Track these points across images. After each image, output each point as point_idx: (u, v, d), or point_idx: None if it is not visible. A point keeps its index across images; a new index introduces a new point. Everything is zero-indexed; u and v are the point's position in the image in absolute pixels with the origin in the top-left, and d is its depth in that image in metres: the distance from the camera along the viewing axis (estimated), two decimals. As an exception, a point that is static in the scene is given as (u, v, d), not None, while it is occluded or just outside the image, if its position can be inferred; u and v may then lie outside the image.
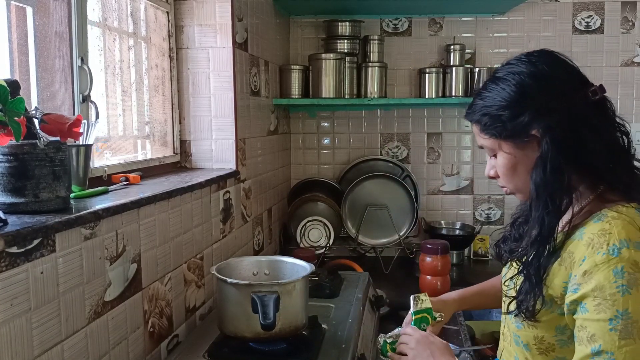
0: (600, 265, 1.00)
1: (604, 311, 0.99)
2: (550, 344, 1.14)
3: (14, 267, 0.93)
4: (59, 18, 1.43)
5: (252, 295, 1.24)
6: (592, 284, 1.00)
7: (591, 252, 1.02)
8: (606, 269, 0.99)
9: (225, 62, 1.98)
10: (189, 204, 1.63)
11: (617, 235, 1.00)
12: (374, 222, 2.78)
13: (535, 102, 1.11)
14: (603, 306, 0.99)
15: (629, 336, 0.96)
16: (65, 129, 1.11)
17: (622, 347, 0.97)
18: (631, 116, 2.89)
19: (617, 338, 0.97)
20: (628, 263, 0.98)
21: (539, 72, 1.13)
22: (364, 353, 1.42)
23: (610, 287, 0.98)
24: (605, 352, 0.98)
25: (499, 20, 2.89)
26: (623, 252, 0.98)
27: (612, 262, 0.99)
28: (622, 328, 0.97)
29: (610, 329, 0.98)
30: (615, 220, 1.03)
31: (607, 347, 0.98)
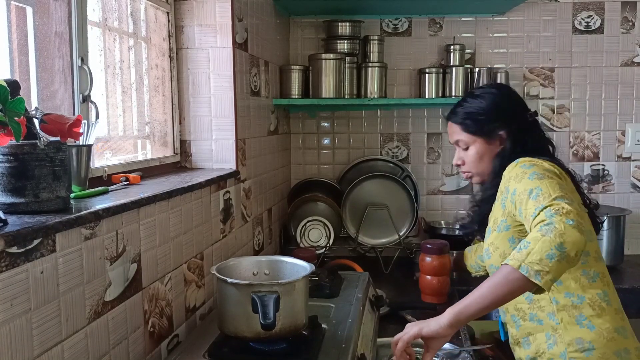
0: (512, 170, 1.53)
1: (522, 178, 1.45)
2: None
3: (14, 267, 0.93)
4: (59, 18, 1.43)
5: (252, 295, 1.24)
6: (513, 180, 1.49)
7: (507, 171, 1.56)
8: (515, 167, 1.52)
9: (225, 62, 1.98)
10: (189, 204, 1.63)
11: (520, 162, 1.53)
12: (374, 222, 2.78)
13: (504, 114, 1.68)
14: (520, 178, 1.46)
15: (543, 177, 1.41)
16: (66, 129, 1.11)
17: (543, 181, 1.40)
18: (631, 116, 2.90)
19: (537, 179, 1.41)
20: (526, 161, 1.52)
21: (505, 95, 1.74)
22: (364, 353, 1.42)
23: (521, 170, 1.48)
24: (534, 188, 1.39)
25: (499, 20, 2.89)
26: (524, 162, 1.52)
27: (518, 165, 1.53)
28: (536, 176, 1.43)
29: (530, 179, 1.43)
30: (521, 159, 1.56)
31: (533, 185, 1.40)
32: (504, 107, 1.70)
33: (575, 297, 1.48)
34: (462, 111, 1.73)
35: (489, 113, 1.69)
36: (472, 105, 1.71)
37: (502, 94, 1.73)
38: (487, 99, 1.70)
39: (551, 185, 1.37)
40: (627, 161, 2.93)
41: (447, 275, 2.23)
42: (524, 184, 1.43)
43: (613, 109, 2.90)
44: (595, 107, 2.90)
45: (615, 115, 2.90)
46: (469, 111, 1.71)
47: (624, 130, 2.91)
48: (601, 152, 2.93)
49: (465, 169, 1.76)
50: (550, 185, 1.37)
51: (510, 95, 1.74)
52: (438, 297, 2.20)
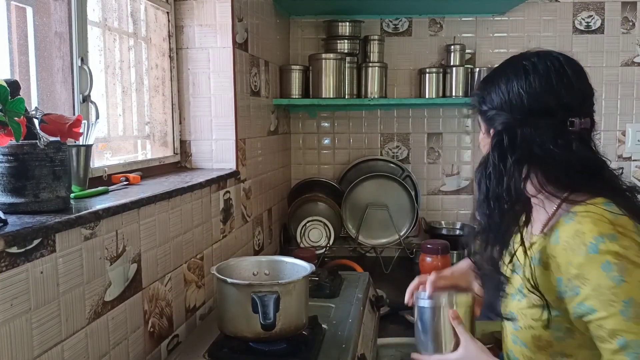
0: (586, 266, 1.04)
1: (612, 305, 1.02)
2: (548, 341, 1.17)
3: (14, 267, 0.93)
4: (59, 18, 1.43)
5: (252, 295, 1.24)
6: (589, 284, 1.04)
7: (572, 255, 1.06)
8: (594, 267, 1.03)
9: (226, 62, 1.98)
10: (189, 204, 1.63)
11: (589, 233, 1.05)
12: (374, 222, 2.78)
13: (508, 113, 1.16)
14: (608, 301, 1.02)
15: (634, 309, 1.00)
16: (66, 129, 1.11)
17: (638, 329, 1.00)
18: (631, 116, 2.89)
19: (634, 324, 1.00)
20: (610, 255, 1.02)
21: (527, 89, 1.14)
22: (364, 353, 1.42)
23: (606, 282, 1.02)
24: (630, 341, 1.01)
25: (499, 20, 2.89)
26: (601, 247, 1.03)
27: (596, 259, 1.03)
28: (634, 314, 1.00)
29: (625, 320, 1.01)
30: (585, 218, 1.07)
31: (630, 336, 1.01)
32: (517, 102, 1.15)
33: None
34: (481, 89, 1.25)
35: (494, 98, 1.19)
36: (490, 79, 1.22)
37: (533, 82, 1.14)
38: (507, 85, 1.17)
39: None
40: (627, 161, 2.93)
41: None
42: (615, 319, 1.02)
43: (613, 109, 2.90)
44: (595, 107, 2.89)
45: (615, 115, 2.90)
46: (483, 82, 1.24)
47: (624, 130, 2.91)
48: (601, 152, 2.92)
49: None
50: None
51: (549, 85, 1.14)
52: (438, 297, 2.20)
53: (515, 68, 1.17)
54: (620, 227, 1.05)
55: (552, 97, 1.13)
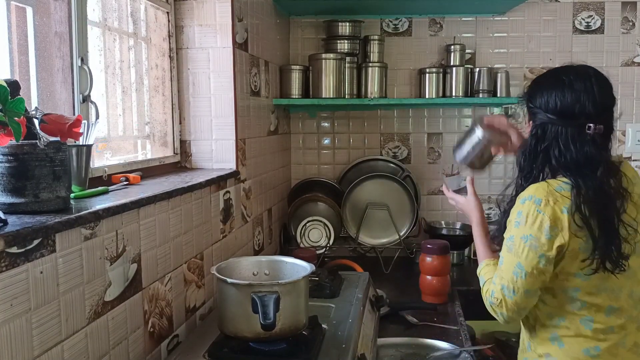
0: (515, 207, 1.49)
1: (507, 232, 1.49)
2: None
3: (14, 267, 0.93)
4: (59, 18, 1.43)
5: (252, 295, 1.24)
6: (510, 217, 1.50)
7: (517, 201, 1.49)
8: (516, 210, 1.47)
9: (226, 62, 1.98)
10: (189, 204, 1.63)
11: (527, 192, 1.46)
12: (374, 222, 2.78)
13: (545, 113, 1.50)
14: (507, 230, 1.49)
15: (511, 251, 1.46)
16: (66, 129, 1.11)
17: (508, 255, 1.47)
18: (631, 116, 2.89)
19: (506, 249, 1.48)
20: (525, 208, 1.44)
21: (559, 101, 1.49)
22: (364, 353, 1.42)
23: (513, 219, 1.47)
24: (502, 253, 1.50)
25: (499, 20, 2.89)
26: (526, 202, 1.45)
27: (519, 206, 1.47)
28: (510, 245, 1.47)
29: (506, 242, 1.49)
30: (534, 185, 1.48)
31: (504, 252, 1.49)
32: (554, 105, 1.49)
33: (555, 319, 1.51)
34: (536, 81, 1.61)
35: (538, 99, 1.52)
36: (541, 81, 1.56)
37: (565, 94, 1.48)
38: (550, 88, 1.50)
39: (509, 268, 1.46)
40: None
41: (447, 275, 2.23)
42: (506, 244, 1.49)
43: (613, 109, 2.90)
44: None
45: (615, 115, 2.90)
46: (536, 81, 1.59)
47: (624, 130, 2.91)
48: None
49: None
50: (508, 267, 1.46)
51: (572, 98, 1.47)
52: (438, 297, 2.20)
53: (557, 80, 1.51)
54: (552, 199, 1.43)
55: (578, 107, 1.46)
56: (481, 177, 2.94)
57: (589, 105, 1.45)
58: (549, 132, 1.49)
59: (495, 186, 2.93)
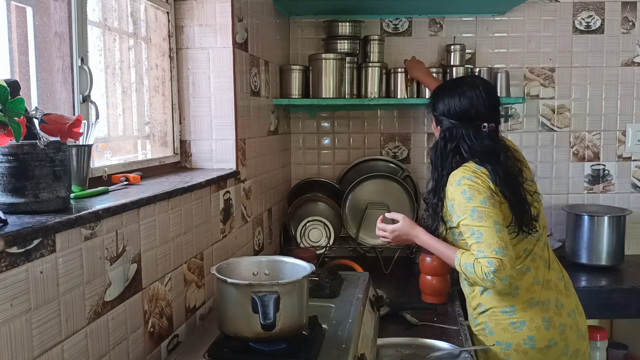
0: (454, 192, 1.77)
1: (466, 212, 1.73)
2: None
3: (14, 267, 0.93)
4: (59, 18, 1.43)
5: (252, 295, 1.24)
6: (456, 203, 1.76)
7: (450, 188, 1.79)
8: (458, 193, 1.75)
9: (226, 62, 1.98)
10: (189, 204, 1.63)
11: (458, 175, 1.78)
12: (374, 222, 2.77)
13: (449, 118, 1.86)
14: (464, 210, 1.73)
15: (481, 219, 1.69)
16: (66, 129, 1.11)
17: (482, 225, 1.69)
18: (631, 116, 2.90)
19: (476, 221, 1.70)
20: (465, 186, 1.74)
21: (458, 106, 1.85)
22: (364, 353, 1.42)
23: (463, 201, 1.74)
24: (476, 230, 1.69)
25: (499, 20, 2.89)
26: (462, 182, 1.75)
27: (458, 188, 1.75)
28: (476, 217, 1.70)
29: (472, 219, 1.71)
30: (459, 169, 1.80)
31: (474, 228, 1.70)
32: (455, 110, 1.85)
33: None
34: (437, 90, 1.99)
35: (441, 107, 1.88)
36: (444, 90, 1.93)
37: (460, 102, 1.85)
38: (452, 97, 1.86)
39: (490, 231, 1.68)
40: (627, 161, 2.93)
41: (447, 275, 2.23)
42: (467, 220, 1.72)
43: (613, 109, 2.90)
44: (595, 107, 2.90)
45: (615, 115, 2.90)
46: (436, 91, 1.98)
47: (624, 130, 2.91)
48: (601, 152, 2.93)
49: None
50: (489, 231, 1.68)
51: (469, 103, 1.85)
52: (438, 297, 2.20)
53: (453, 91, 1.87)
54: (477, 174, 1.77)
55: (473, 110, 1.84)
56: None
57: (481, 108, 1.83)
58: (455, 133, 1.84)
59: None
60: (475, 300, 1.90)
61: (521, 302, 1.80)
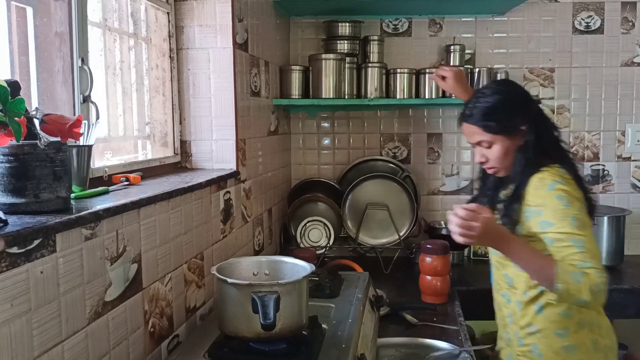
0: (546, 197, 1.61)
1: (564, 219, 1.57)
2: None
3: (14, 267, 0.93)
4: (59, 19, 1.43)
5: (252, 295, 1.24)
6: (548, 209, 1.60)
7: (538, 192, 1.63)
8: (551, 198, 1.60)
9: (226, 62, 1.98)
10: (189, 204, 1.63)
11: (548, 178, 1.63)
12: (374, 222, 2.79)
13: (521, 108, 1.73)
14: (561, 217, 1.57)
15: (583, 228, 1.57)
16: (66, 130, 1.11)
17: (583, 233, 1.56)
18: (631, 116, 2.90)
19: (577, 229, 1.55)
20: (560, 191, 1.60)
21: (515, 89, 1.80)
22: (364, 353, 1.42)
23: (559, 206, 1.59)
24: (577, 239, 1.54)
25: (499, 20, 2.89)
26: (555, 186, 1.61)
27: (552, 193, 1.61)
28: (577, 225, 1.56)
29: (573, 227, 1.56)
30: (545, 171, 1.65)
31: (576, 236, 1.55)
32: (518, 101, 1.74)
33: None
34: (479, 112, 1.73)
35: (507, 110, 1.72)
36: (489, 104, 1.72)
37: (511, 88, 1.78)
38: (502, 95, 1.73)
39: (592, 242, 1.57)
40: (627, 161, 2.93)
41: (447, 275, 2.24)
42: (566, 227, 1.56)
43: (613, 109, 2.90)
44: (595, 107, 2.90)
45: (615, 115, 2.90)
46: (487, 111, 1.72)
47: (624, 131, 2.91)
48: (601, 153, 2.93)
49: (490, 165, 1.77)
50: (591, 242, 1.57)
51: (517, 88, 1.81)
52: (438, 297, 2.20)
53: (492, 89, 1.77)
54: (566, 179, 1.64)
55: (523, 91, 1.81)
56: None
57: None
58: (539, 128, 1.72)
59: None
60: (525, 319, 1.71)
61: (573, 323, 1.67)
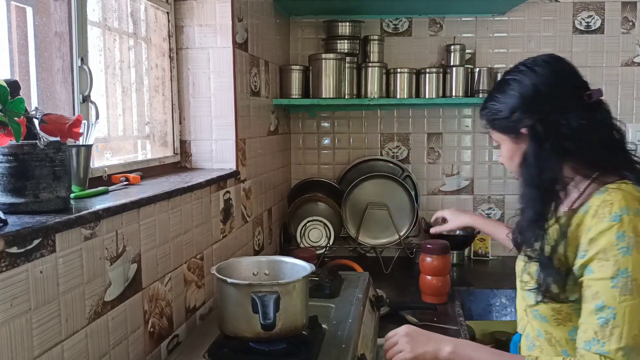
0: (604, 231, 1.11)
1: (606, 270, 1.09)
2: (568, 313, 1.22)
3: (14, 267, 0.93)
4: (59, 18, 1.43)
5: (252, 295, 1.24)
6: (597, 248, 1.12)
7: (596, 222, 1.13)
8: (610, 233, 1.11)
9: (226, 62, 1.98)
10: (189, 204, 1.63)
11: (617, 204, 1.12)
12: (374, 222, 2.78)
13: (532, 108, 1.25)
14: (605, 266, 1.10)
15: (629, 292, 1.07)
16: (65, 129, 1.11)
17: (622, 302, 1.07)
18: (631, 116, 2.90)
19: (618, 294, 1.08)
20: (629, 228, 1.10)
21: (539, 82, 1.25)
22: (364, 353, 1.42)
23: (613, 249, 1.10)
24: (607, 307, 1.08)
25: (499, 20, 2.89)
26: (624, 218, 1.10)
27: (615, 227, 1.10)
28: (623, 285, 1.08)
29: (611, 286, 1.08)
30: (616, 191, 1.15)
31: (608, 302, 1.08)
32: (536, 94, 1.25)
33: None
34: (489, 104, 1.36)
35: (514, 106, 1.28)
36: (500, 98, 1.33)
37: (536, 81, 1.26)
38: (516, 90, 1.28)
39: (631, 317, 1.07)
40: (627, 161, 2.93)
41: (447, 275, 2.23)
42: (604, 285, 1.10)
43: (613, 109, 2.86)
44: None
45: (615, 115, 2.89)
46: (487, 99, 1.37)
47: (624, 130, 2.91)
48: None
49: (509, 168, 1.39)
50: (629, 317, 1.07)
51: (552, 76, 1.26)
52: (438, 297, 2.20)
53: (517, 71, 1.29)
54: None
55: (562, 81, 1.24)
56: (480, 177, 2.95)
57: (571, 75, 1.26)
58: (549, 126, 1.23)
59: (494, 186, 2.94)
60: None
61: None
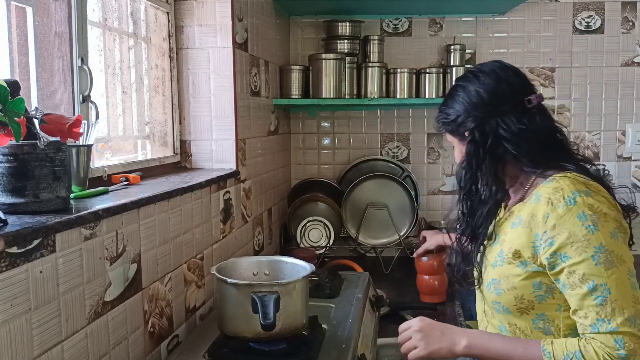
0: (564, 216, 1.17)
1: (585, 251, 1.14)
2: (530, 301, 1.27)
3: (14, 267, 0.93)
4: (59, 18, 1.43)
5: (252, 295, 1.24)
6: (564, 233, 1.17)
7: (552, 208, 1.19)
8: (571, 216, 1.17)
9: (226, 62, 1.98)
10: (189, 204, 1.63)
11: (568, 188, 1.20)
12: (374, 222, 2.78)
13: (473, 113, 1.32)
14: (581, 248, 1.15)
15: (612, 265, 1.13)
16: (65, 129, 1.11)
17: (612, 275, 1.12)
18: (631, 116, 2.89)
19: (604, 269, 1.13)
20: (586, 207, 1.16)
21: (481, 89, 1.33)
22: (364, 353, 1.42)
23: (581, 230, 1.15)
24: (599, 285, 1.13)
25: (499, 20, 2.89)
26: (578, 200, 1.17)
27: (573, 210, 1.17)
28: (604, 260, 1.13)
29: (595, 264, 1.13)
30: (563, 178, 1.23)
31: (599, 280, 1.13)
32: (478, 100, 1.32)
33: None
34: (441, 108, 1.43)
35: (459, 111, 1.35)
36: (448, 101, 1.40)
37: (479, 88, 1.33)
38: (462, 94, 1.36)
39: (622, 287, 1.11)
40: (627, 161, 2.93)
41: (444, 273, 2.23)
42: (586, 265, 1.14)
43: (613, 109, 2.90)
44: (595, 107, 2.90)
45: (615, 115, 2.90)
46: (443, 110, 1.42)
47: (624, 130, 2.91)
48: (601, 152, 2.93)
49: None
50: (622, 287, 1.11)
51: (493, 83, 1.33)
52: (437, 296, 2.20)
53: (464, 78, 1.37)
54: (593, 187, 1.22)
55: (504, 86, 1.32)
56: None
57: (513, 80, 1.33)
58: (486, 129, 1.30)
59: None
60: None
61: None
